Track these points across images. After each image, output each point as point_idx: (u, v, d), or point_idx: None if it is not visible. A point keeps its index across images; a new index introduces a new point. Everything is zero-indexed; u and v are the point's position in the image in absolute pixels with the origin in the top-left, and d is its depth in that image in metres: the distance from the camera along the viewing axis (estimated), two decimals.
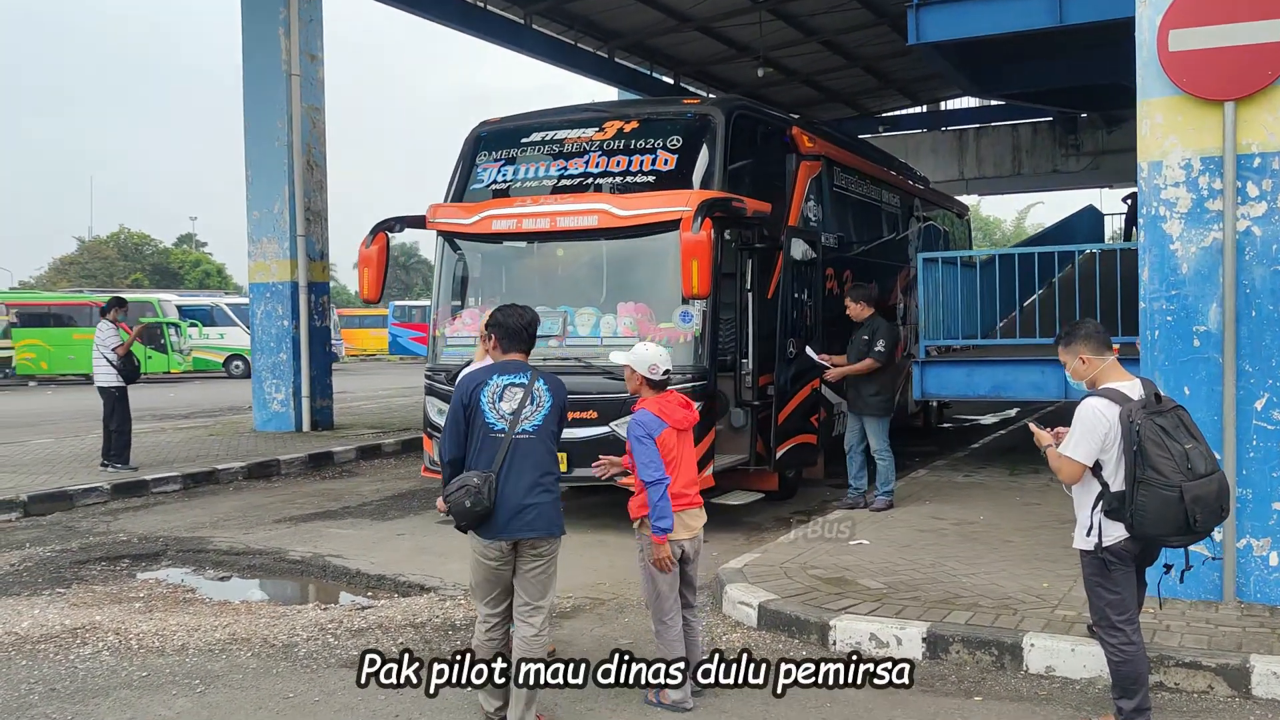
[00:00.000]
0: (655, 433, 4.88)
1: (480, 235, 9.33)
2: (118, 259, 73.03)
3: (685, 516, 4.99)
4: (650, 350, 5.08)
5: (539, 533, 4.54)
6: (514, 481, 4.49)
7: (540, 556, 4.60)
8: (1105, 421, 4.21)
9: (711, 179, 8.90)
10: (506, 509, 4.46)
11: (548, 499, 4.58)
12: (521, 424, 4.54)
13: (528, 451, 4.52)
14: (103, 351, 12.35)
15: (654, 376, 5.02)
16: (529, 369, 4.69)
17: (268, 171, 16.10)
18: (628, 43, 19.51)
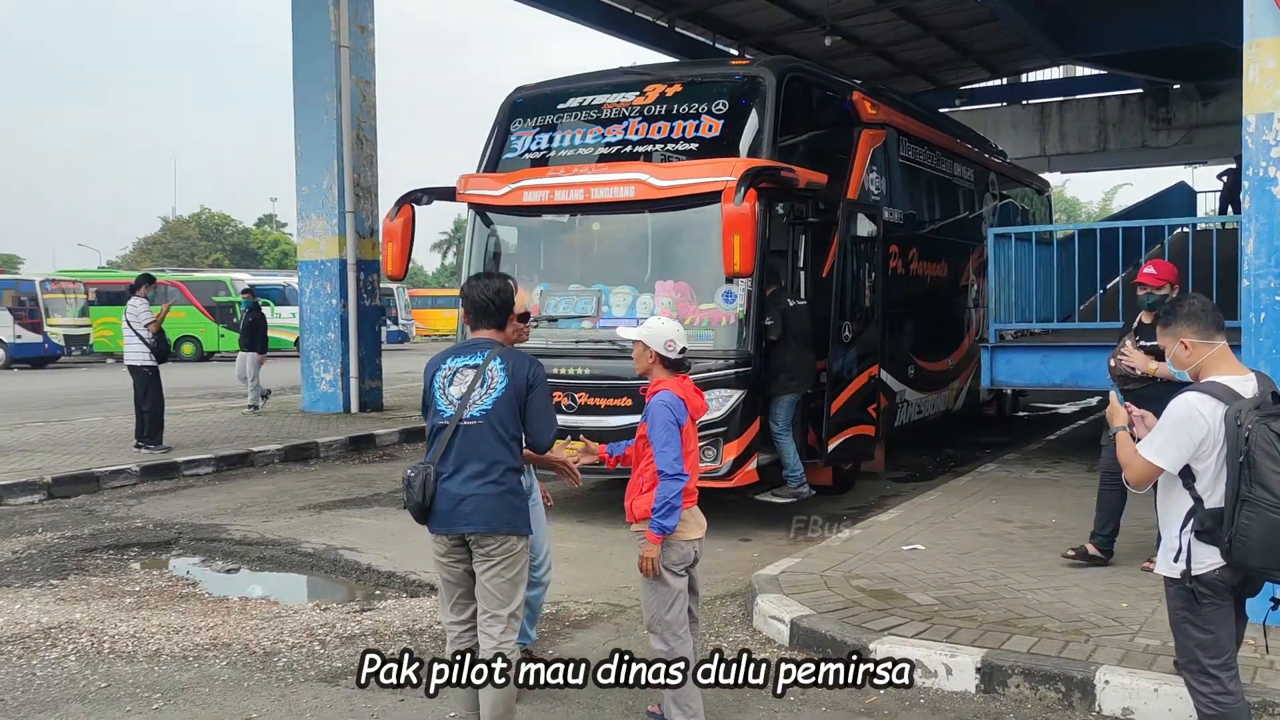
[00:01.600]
0: (682, 419, 4.26)
1: (511, 207, 8.72)
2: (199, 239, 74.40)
3: (697, 513, 4.39)
4: (667, 325, 4.43)
5: (476, 527, 3.96)
6: (454, 471, 3.97)
7: (488, 557, 3.99)
8: (1203, 423, 3.42)
9: (760, 147, 8.16)
10: (447, 500, 3.97)
11: (492, 491, 3.97)
12: (469, 409, 3.98)
13: (474, 439, 3.97)
14: (135, 328, 12.01)
15: (670, 354, 4.34)
16: (491, 346, 4.11)
17: (316, 146, 15.71)
18: (689, 11, 18.71)
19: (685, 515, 4.28)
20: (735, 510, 8.67)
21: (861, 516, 8.55)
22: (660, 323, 4.46)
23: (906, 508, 8.33)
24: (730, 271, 7.31)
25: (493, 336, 4.17)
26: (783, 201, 8.54)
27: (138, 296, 12.29)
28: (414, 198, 8.83)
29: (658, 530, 4.18)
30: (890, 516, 7.90)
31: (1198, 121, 23.48)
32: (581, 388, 8.17)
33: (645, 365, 4.45)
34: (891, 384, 10.43)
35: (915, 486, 10.30)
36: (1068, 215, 54.74)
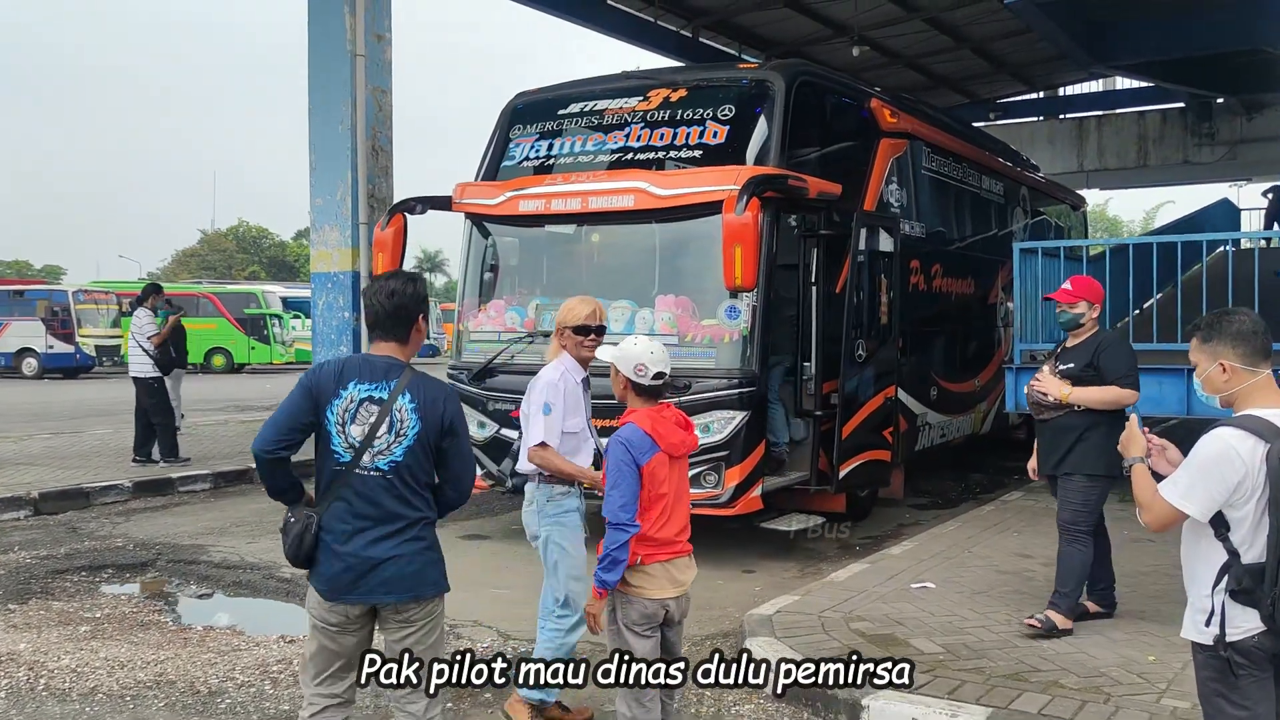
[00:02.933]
0: (642, 458, 3.71)
1: (507, 217, 8.32)
2: (236, 251, 75.00)
3: (673, 569, 3.80)
4: (639, 345, 3.89)
5: (399, 596, 3.36)
6: (357, 531, 3.32)
7: (409, 623, 3.42)
8: (1240, 464, 2.91)
9: (768, 155, 7.70)
10: (351, 564, 3.30)
11: (412, 550, 3.36)
12: (374, 459, 3.32)
13: (380, 493, 3.32)
14: (138, 340, 11.76)
15: (640, 379, 3.82)
16: (398, 372, 3.38)
17: (330, 156, 15.35)
18: (713, 20, 18.28)
19: (654, 570, 3.76)
20: (739, 539, 8.19)
21: (875, 547, 8.06)
22: (633, 343, 3.94)
23: (922, 539, 7.82)
24: (731, 285, 6.86)
25: (394, 353, 3.44)
26: (793, 213, 8.09)
27: (144, 308, 12.07)
28: (407, 207, 8.45)
29: (599, 584, 3.71)
30: (902, 549, 7.39)
31: (1242, 137, 22.70)
32: None
33: (619, 391, 3.99)
34: (912, 406, 9.91)
35: (937, 515, 9.78)
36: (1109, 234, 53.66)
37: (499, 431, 8.10)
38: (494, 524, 9.27)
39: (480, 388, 8.23)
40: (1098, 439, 5.42)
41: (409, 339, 3.45)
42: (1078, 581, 5.49)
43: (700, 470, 7.36)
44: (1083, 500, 5.52)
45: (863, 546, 8.35)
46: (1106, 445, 5.34)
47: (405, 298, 3.41)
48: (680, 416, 3.95)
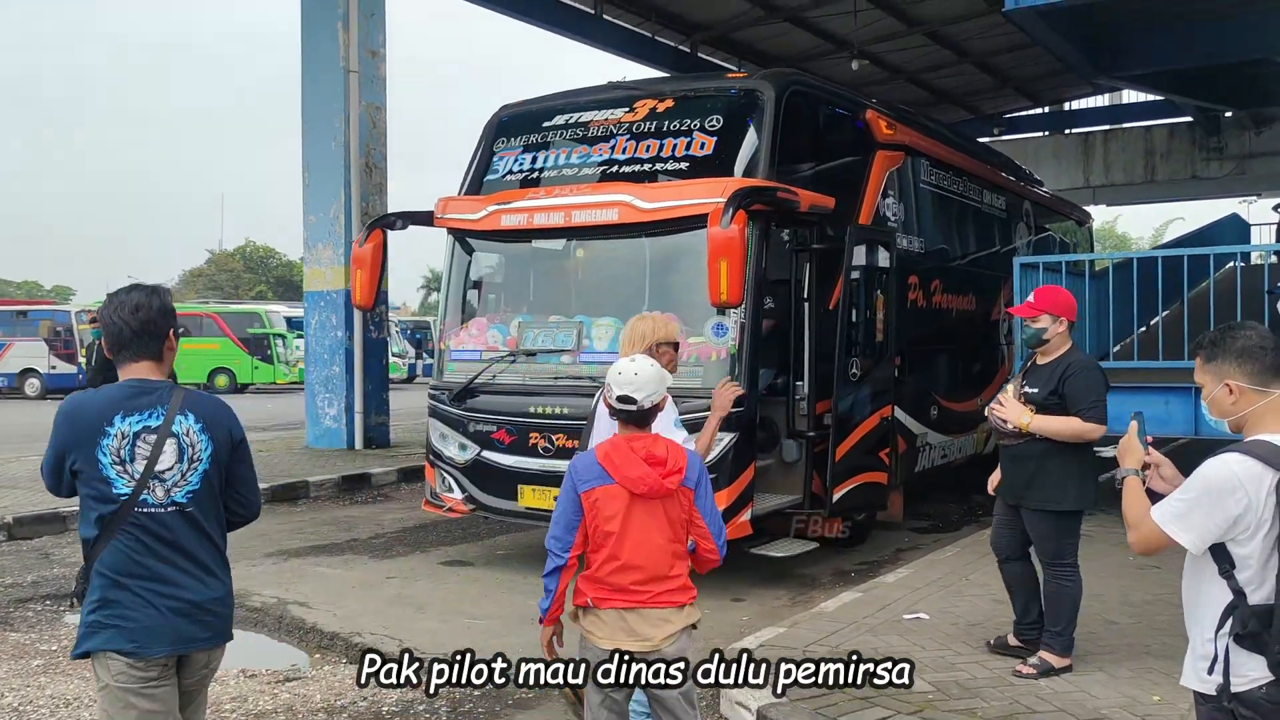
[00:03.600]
0: (582, 485, 3.38)
1: (489, 232, 8.06)
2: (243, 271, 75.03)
3: (634, 619, 3.40)
4: (616, 365, 3.54)
5: (218, 640, 3.13)
6: (166, 577, 3.01)
7: (210, 671, 3.19)
8: (1243, 495, 2.61)
9: (757, 166, 7.44)
10: (167, 610, 2.99)
11: (223, 591, 3.13)
12: (169, 493, 3.01)
13: (182, 530, 3.02)
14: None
15: (610, 401, 3.48)
16: (167, 393, 3.05)
17: (324, 173, 15.22)
18: (712, 36, 18.12)
19: (607, 616, 3.41)
20: (731, 565, 7.81)
21: (870, 574, 7.75)
22: (621, 364, 3.54)
23: (918, 566, 7.51)
24: (716, 301, 6.58)
25: (151, 373, 3.08)
26: (784, 226, 7.82)
27: None
28: (386, 222, 8.22)
29: (540, 608, 3.50)
30: (896, 577, 7.07)
31: (1251, 151, 22.44)
32: (560, 429, 7.46)
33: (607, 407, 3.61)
34: (911, 426, 9.61)
35: (937, 538, 9.47)
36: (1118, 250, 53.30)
37: (480, 454, 7.83)
38: (477, 549, 8.98)
39: (462, 408, 7.96)
40: (1055, 470, 5.07)
41: (163, 356, 3.12)
42: (1070, 617, 5.13)
43: None
44: (1053, 536, 5.17)
45: (858, 573, 8.04)
46: (1065, 477, 5.06)
47: (153, 312, 3.09)
48: (653, 454, 3.42)
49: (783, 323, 8.04)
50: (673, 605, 3.46)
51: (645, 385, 3.43)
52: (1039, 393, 5.14)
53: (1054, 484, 5.08)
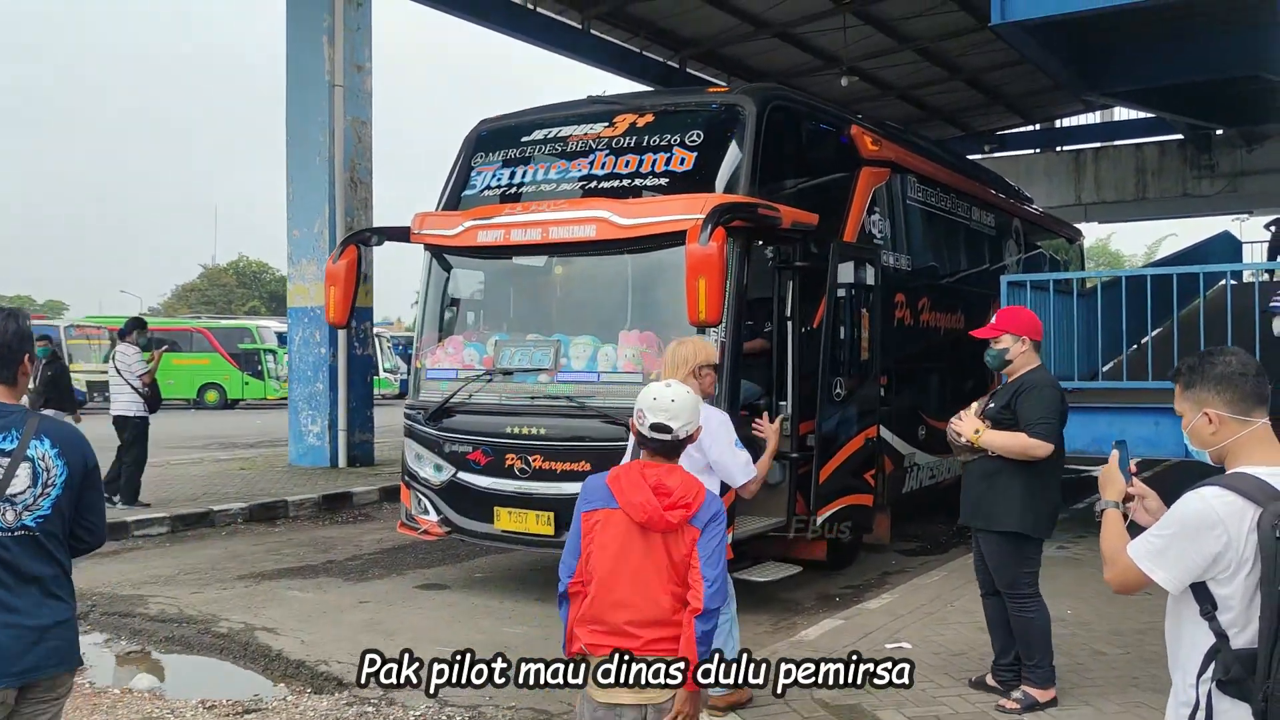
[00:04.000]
0: (585, 505, 3.20)
1: (465, 248, 7.90)
2: (236, 286, 74.86)
3: (632, 667, 3.09)
4: (650, 389, 3.26)
5: (61, 667, 3.01)
6: (10, 605, 2.89)
7: (57, 699, 3.04)
8: (1222, 531, 2.45)
9: (738, 182, 7.29)
10: (14, 637, 2.88)
11: (67, 615, 3.02)
12: (19, 517, 2.90)
13: (28, 555, 2.91)
14: (127, 378, 11.22)
15: (640, 427, 3.20)
16: (20, 417, 2.99)
17: (308, 188, 15.08)
18: (700, 51, 18.02)
19: (601, 663, 3.08)
20: None
21: (855, 598, 7.58)
22: (654, 387, 3.27)
23: (903, 591, 7.34)
24: (695, 320, 6.41)
25: (6, 397, 3.03)
26: (766, 243, 7.67)
27: (127, 343, 11.53)
28: (361, 238, 8.06)
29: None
30: (880, 604, 6.90)
31: (1243, 169, 22.38)
32: (537, 450, 7.28)
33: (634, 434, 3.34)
34: (899, 446, 9.46)
35: (924, 561, 9.30)
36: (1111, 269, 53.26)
37: (456, 475, 7.64)
38: (455, 572, 8.79)
39: (437, 428, 7.78)
40: (1002, 488, 4.90)
41: (16, 381, 3.05)
42: (1043, 648, 4.92)
43: None
44: (1007, 563, 4.98)
45: (843, 597, 7.87)
46: (1012, 497, 4.88)
47: (9, 336, 3.01)
48: (662, 483, 3.12)
49: (765, 341, 7.88)
50: (665, 653, 3.10)
51: (682, 413, 3.16)
52: (994, 408, 5.04)
53: (1001, 503, 4.92)
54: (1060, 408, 4.97)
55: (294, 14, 15.20)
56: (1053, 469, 4.96)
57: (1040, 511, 4.94)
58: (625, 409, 7.16)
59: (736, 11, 16.21)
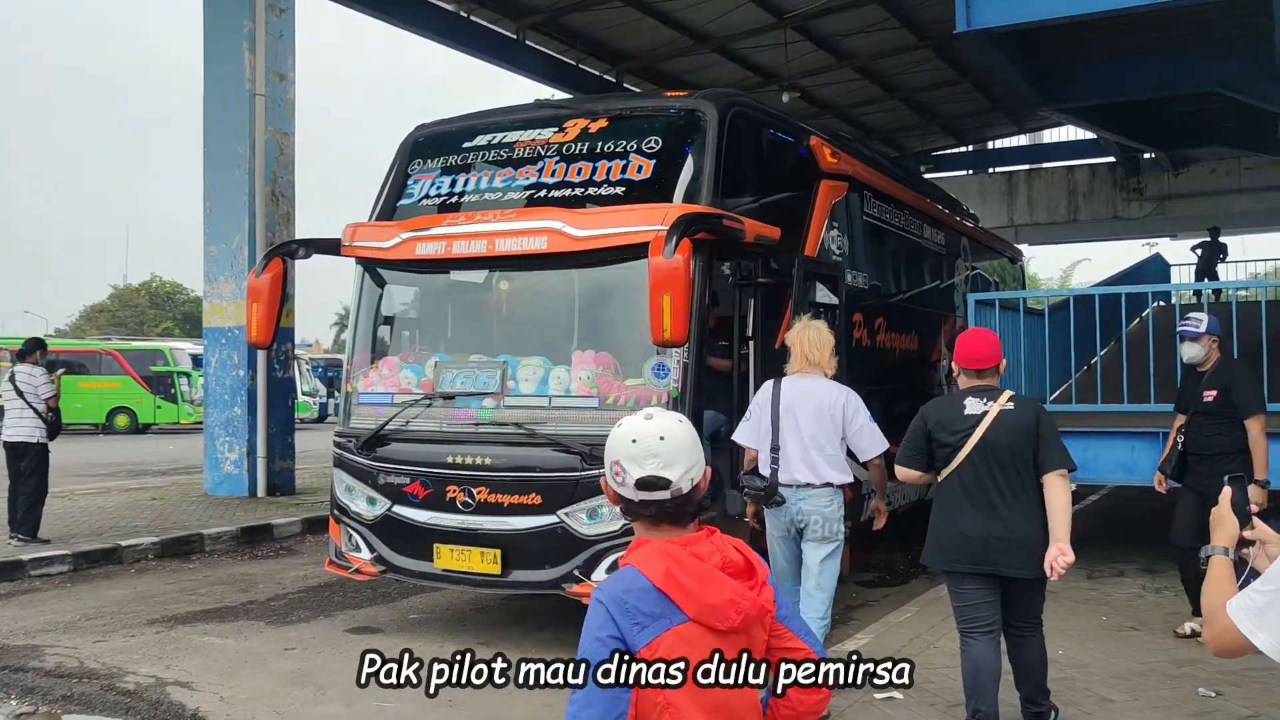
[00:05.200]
0: (638, 635, 2.06)
1: (402, 262, 7.28)
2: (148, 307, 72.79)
3: None
4: (637, 431, 2.21)
5: None
6: None
7: None
8: None
9: (698, 192, 6.79)
10: None
11: None
12: None
13: None
14: (31, 400, 10.30)
15: (622, 490, 2.21)
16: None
17: (227, 202, 14.27)
18: (638, 65, 17.60)
19: None
20: None
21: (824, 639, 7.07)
22: (624, 425, 2.25)
23: (877, 631, 6.86)
24: (659, 339, 5.89)
25: None
26: (727, 259, 7.18)
27: (29, 363, 10.62)
28: (287, 250, 7.38)
29: None
30: (856, 645, 6.41)
31: (1170, 192, 22.66)
32: (482, 481, 6.68)
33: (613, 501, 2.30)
34: (857, 473, 8.98)
35: (886, 593, 8.86)
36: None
37: (391, 509, 6.99)
38: (388, 613, 8.10)
39: (370, 458, 7.12)
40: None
41: None
42: (972, 688, 4.59)
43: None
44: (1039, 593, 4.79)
45: None
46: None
47: None
48: (729, 559, 2.18)
49: (726, 362, 7.38)
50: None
51: (679, 454, 2.16)
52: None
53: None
54: (907, 434, 4.94)
55: (212, 20, 14.42)
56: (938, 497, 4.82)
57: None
58: (579, 436, 6.66)
59: (676, 24, 15.83)
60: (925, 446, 4.79)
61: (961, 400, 4.78)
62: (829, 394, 5.74)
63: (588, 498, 6.40)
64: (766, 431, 5.74)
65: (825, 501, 5.66)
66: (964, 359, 4.92)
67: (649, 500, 2.16)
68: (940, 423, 4.76)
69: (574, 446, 6.44)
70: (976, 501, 4.54)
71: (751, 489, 5.76)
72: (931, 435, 4.76)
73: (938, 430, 4.74)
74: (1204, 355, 6.44)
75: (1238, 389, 6.26)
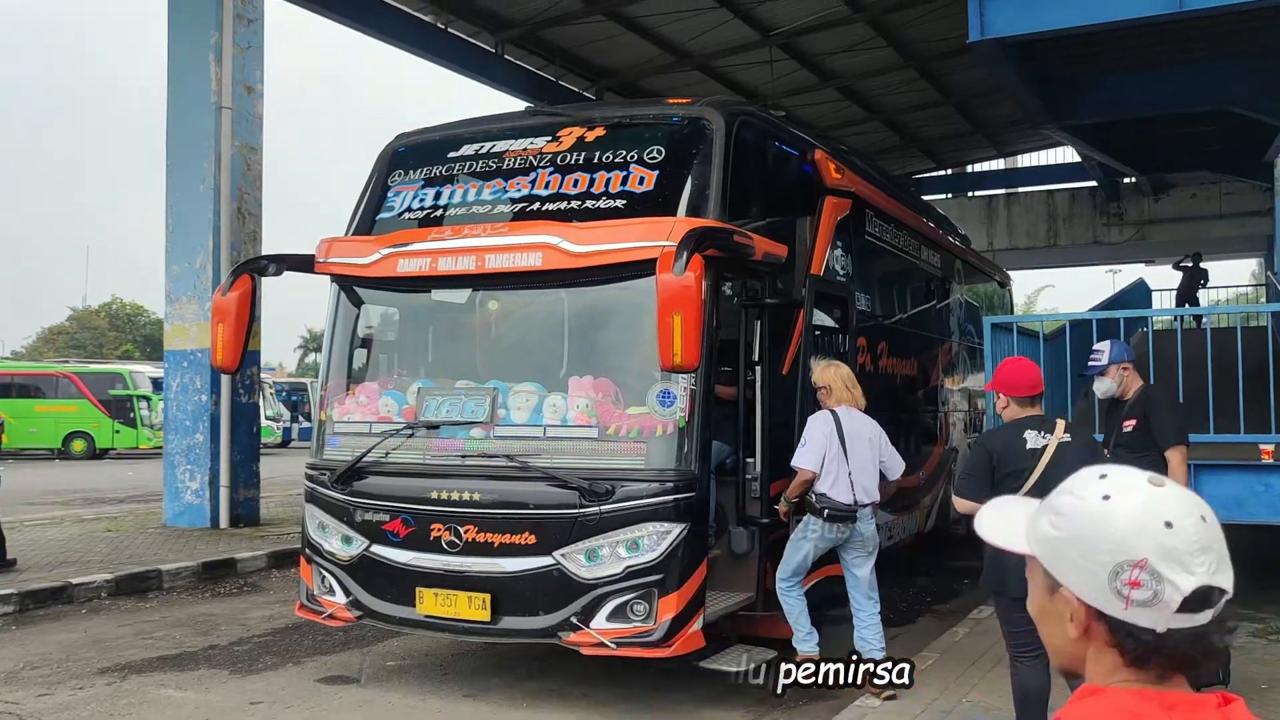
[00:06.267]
0: None
1: (382, 280, 6.71)
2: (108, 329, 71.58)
3: None
4: (1144, 505, 1.27)
5: None
6: None
7: None
8: None
9: (705, 205, 6.29)
10: None
11: None
12: None
13: None
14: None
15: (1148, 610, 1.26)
16: None
17: (190, 219, 13.65)
18: (617, 82, 17.16)
19: None
20: (671, 680, 6.59)
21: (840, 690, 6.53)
22: (1116, 499, 1.30)
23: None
24: (669, 364, 5.37)
25: None
26: (732, 277, 6.69)
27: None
28: (256, 267, 6.77)
29: None
30: (884, 704, 5.87)
31: (1150, 217, 22.50)
32: (470, 519, 6.11)
33: (1071, 635, 1.34)
34: None
35: (894, 633, 8.30)
36: None
37: (369, 549, 6.40)
38: (363, 659, 7.48)
39: (346, 493, 6.53)
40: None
41: None
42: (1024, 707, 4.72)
43: (627, 599, 5.80)
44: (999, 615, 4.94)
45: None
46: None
47: None
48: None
49: (731, 389, 6.87)
50: None
51: (1224, 546, 1.28)
52: None
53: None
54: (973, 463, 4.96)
55: (177, 30, 13.85)
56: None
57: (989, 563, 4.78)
58: (577, 469, 6.12)
59: (657, 41, 15.42)
60: (990, 479, 4.66)
61: (1020, 432, 4.69)
62: (872, 426, 6.50)
63: (586, 537, 5.86)
64: (831, 457, 6.27)
65: (870, 518, 6.44)
66: (1012, 387, 4.82)
67: (1186, 632, 1.26)
68: (1004, 457, 4.69)
69: (571, 481, 5.90)
70: None
71: (834, 509, 6.33)
72: (996, 470, 4.67)
73: (1001, 464, 4.67)
74: (1118, 386, 6.06)
75: (1155, 418, 5.84)
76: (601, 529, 5.84)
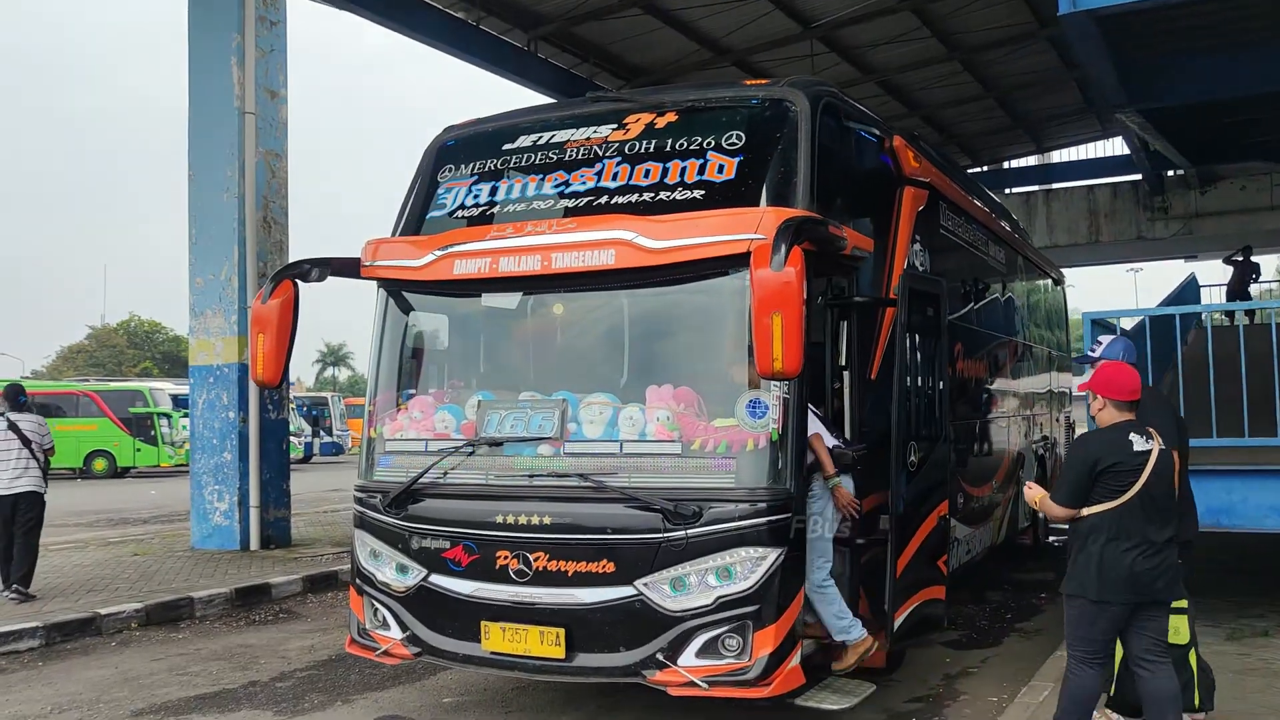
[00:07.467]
0: None
1: (437, 283, 6.12)
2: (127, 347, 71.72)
3: None
4: None
5: None
6: None
7: None
8: None
9: (793, 195, 5.67)
10: None
11: None
12: None
13: None
14: (35, 451, 9.87)
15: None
16: None
17: (214, 229, 13.14)
18: (652, 80, 16.59)
19: None
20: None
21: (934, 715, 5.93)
22: None
23: (1014, 714, 5.70)
24: (768, 370, 4.78)
25: None
26: (821, 274, 6.08)
27: (23, 411, 10.11)
28: (298, 272, 6.17)
29: None
30: None
31: (1197, 210, 21.78)
32: (540, 545, 5.51)
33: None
34: None
35: (982, 656, 7.74)
36: None
37: (428, 579, 5.81)
38: (417, 696, 6.88)
39: (401, 517, 5.94)
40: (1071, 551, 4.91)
41: None
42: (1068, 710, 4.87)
43: (719, 633, 5.19)
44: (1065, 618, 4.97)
45: (916, 715, 6.21)
46: (1068, 556, 4.94)
47: None
48: None
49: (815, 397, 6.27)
50: None
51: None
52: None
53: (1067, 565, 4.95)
54: (1080, 466, 4.83)
55: (198, 34, 13.37)
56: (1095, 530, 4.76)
57: (1076, 568, 4.88)
58: (660, 489, 5.53)
59: (695, 35, 14.86)
60: (1089, 487, 4.76)
61: (1125, 434, 4.77)
62: None
63: (672, 564, 5.26)
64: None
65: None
66: (1116, 391, 4.89)
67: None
68: (1108, 455, 4.74)
69: (654, 502, 5.30)
70: (1145, 534, 4.66)
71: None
72: (1098, 472, 4.73)
73: (1103, 463, 4.73)
74: None
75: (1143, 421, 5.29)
76: (688, 555, 5.24)
